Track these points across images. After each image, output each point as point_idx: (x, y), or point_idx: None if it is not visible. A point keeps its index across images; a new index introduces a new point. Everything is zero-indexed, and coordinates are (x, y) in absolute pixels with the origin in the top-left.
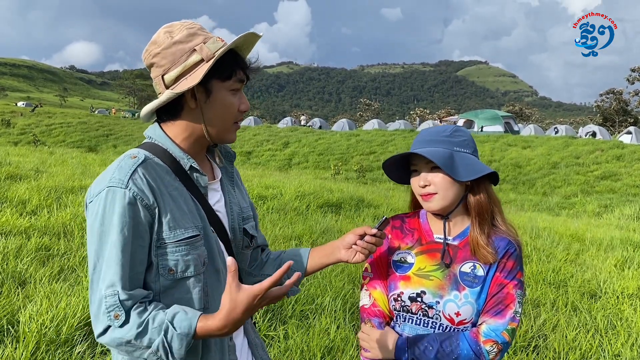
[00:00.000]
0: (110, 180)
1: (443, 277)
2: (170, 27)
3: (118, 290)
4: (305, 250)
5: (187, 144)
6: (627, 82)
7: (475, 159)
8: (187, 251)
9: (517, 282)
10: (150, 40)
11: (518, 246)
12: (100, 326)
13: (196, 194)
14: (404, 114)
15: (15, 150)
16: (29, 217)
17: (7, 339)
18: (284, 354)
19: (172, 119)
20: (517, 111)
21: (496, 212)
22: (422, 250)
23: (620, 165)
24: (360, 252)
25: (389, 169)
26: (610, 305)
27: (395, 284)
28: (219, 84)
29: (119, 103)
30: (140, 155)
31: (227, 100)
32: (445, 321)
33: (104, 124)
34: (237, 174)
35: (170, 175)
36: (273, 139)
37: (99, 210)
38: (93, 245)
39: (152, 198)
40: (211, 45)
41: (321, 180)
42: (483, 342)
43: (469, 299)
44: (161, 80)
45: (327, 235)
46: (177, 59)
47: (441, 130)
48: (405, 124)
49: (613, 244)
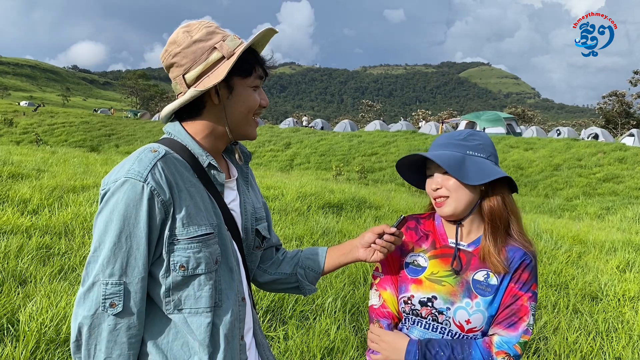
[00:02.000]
0: (129, 171)
1: (455, 283)
2: (188, 26)
3: (116, 280)
4: (323, 249)
5: (207, 142)
6: (630, 85)
7: (490, 163)
8: (199, 248)
9: (532, 294)
10: (169, 41)
11: (534, 257)
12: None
13: (213, 191)
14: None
15: (17, 150)
16: (30, 217)
17: (7, 338)
18: (284, 354)
19: (193, 117)
20: (519, 113)
21: (512, 221)
22: (436, 254)
23: (623, 168)
24: (379, 251)
25: (405, 173)
26: (611, 308)
27: (406, 286)
28: (240, 80)
29: (121, 103)
30: (160, 150)
31: (249, 96)
32: (454, 328)
33: (106, 123)
34: (252, 175)
35: (189, 172)
36: (275, 139)
37: (112, 199)
38: (98, 231)
39: (169, 194)
40: (230, 43)
41: (323, 181)
42: (495, 354)
43: (481, 307)
44: (182, 79)
45: (327, 236)
46: (198, 57)
47: (456, 134)
48: (407, 125)
49: (615, 246)
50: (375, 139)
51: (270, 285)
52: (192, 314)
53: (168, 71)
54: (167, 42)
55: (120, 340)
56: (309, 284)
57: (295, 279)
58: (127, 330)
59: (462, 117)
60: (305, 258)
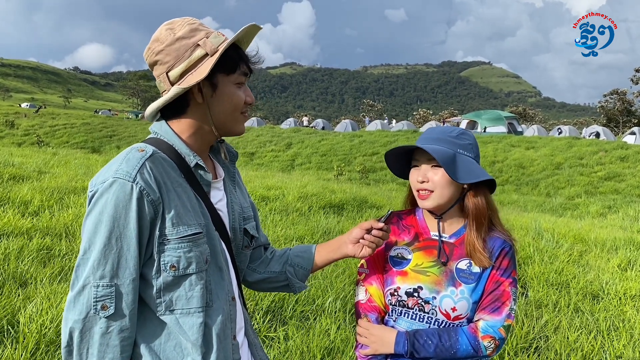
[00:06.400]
0: (117, 171)
1: (440, 273)
2: (171, 23)
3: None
4: (311, 246)
5: (193, 141)
6: (631, 83)
7: (477, 164)
8: (190, 248)
9: (512, 280)
10: (152, 38)
11: (512, 245)
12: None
13: (199, 191)
14: (407, 115)
15: (18, 151)
16: (31, 218)
17: (7, 340)
18: (284, 355)
19: (178, 115)
20: (520, 112)
21: (493, 217)
22: (419, 247)
23: (624, 166)
24: (368, 247)
25: (391, 160)
26: (612, 307)
27: (392, 279)
28: (224, 77)
29: (123, 104)
30: (148, 149)
31: (233, 93)
32: (441, 316)
33: (108, 125)
34: (239, 174)
35: (176, 171)
36: (276, 140)
37: (100, 200)
38: (87, 233)
39: (158, 194)
40: (214, 40)
41: (324, 182)
42: (481, 338)
43: (465, 294)
44: (166, 77)
45: (329, 236)
46: (182, 54)
47: (448, 131)
48: (409, 125)
49: (616, 245)
50: (376, 139)
51: (260, 284)
52: (184, 314)
53: (152, 69)
54: (150, 40)
55: (113, 343)
56: (298, 281)
57: (285, 277)
58: (119, 332)
59: (463, 117)
60: (294, 256)
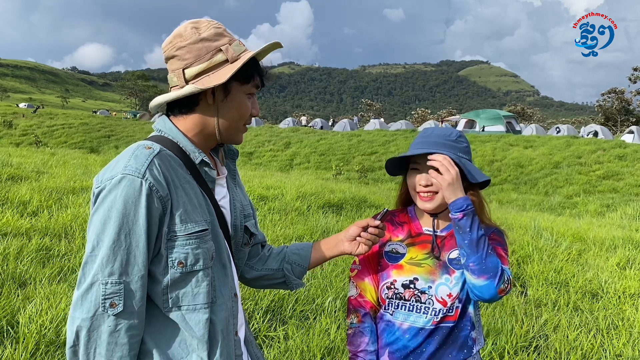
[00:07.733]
0: (126, 167)
1: (433, 263)
2: (197, 23)
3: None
4: (308, 244)
5: (197, 139)
6: (629, 81)
7: (473, 165)
8: (197, 244)
9: (504, 250)
10: (174, 33)
11: (500, 231)
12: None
13: (205, 188)
14: (406, 114)
15: (17, 152)
16: (29, 218)
17: (7, 340)
18: (284, 354)
19: (185, 113)
20: (519, 111)
21: (485, 212)
22: (413, 242)
23: (623, 165)
24: (364, 244)
25: (389, 163)
26: (611, 305)
27: (387, 272)
28: (238, 86)
29: (121, 104)
30: (155, 147)
31: (242, 102)
32: (438, 305)
33: (106, 125)
34: (237, 173)
35: (182, 168)
36: (274, 139)
37: (109, 196)
38: (95, 229)
39: (167, 190)
40: (235, 48)
41: (323, 181)
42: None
43: (459, 279)
44: (181, 73)
45: (327, 235)
46: (202, 55)
47: (447, 134)
48: (407, 124)
49: (615, 243)
50: (374, 138)
51: (257, 281)
52: (190, 310)
53: (167, 62)
54: (171, 34)
55: (122, 341)
56: (295, 278)
57: (282, 274)
58: (128, 330)
59: (462, 116)
60: (291, 253)
